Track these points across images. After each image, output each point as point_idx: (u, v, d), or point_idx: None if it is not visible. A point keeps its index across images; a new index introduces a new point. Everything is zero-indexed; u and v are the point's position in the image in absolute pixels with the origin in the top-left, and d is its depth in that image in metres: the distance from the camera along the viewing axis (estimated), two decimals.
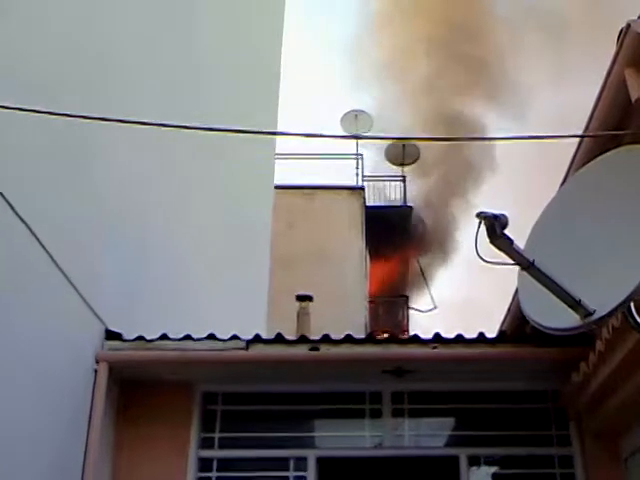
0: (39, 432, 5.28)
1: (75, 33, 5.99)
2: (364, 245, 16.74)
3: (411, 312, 20.78)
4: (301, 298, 12.35)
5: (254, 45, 12.77)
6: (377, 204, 18.34)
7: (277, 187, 14.74)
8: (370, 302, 17.79)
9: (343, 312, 14.07)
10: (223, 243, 10.57)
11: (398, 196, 19.01)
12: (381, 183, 19.06)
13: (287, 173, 15.86)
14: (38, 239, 5.21)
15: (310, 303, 12.37)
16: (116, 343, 6.31)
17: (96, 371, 6.08)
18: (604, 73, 4.70)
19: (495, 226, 3.63)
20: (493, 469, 6.57)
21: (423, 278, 20.24)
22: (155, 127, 5.42)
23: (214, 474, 6.29)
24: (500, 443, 6.37)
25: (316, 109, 22.63)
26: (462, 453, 6.32)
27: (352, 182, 17.58)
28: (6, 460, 4.80)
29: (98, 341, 6.25)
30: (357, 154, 18.26)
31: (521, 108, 24.11)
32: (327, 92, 26.58)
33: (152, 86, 7.76)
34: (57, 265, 5.51)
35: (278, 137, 13.68)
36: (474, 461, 6.35)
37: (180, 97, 8.53)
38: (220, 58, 10.70)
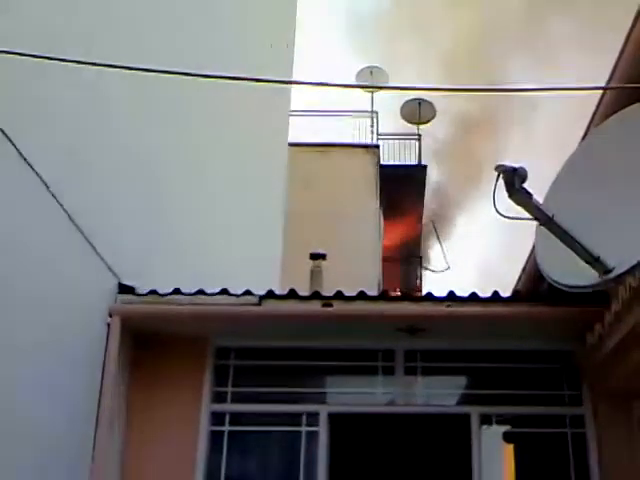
0: (53, 382, 5.31)
1: None
2: (378, 204, 16.65)
3: (425, 273, 20.76)
4: (315, 256, 12.31)
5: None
6: (392, 163, 18.17)
7: (291, 144, 14.63)
8: (384, 261, 17.74)
9: (357, 271, 14.03)
10: (237, 199, 10.55)
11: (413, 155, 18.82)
12: (396, 142, 18.85)
13: (301, 130, 15.75)
14: (53, 194, 5.18)
15: (323, 262, 12.34)
16: (129, 297, 6.31)
17: (109, 325, 6.09)
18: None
19: (514, 179, 3.56)
20: (504, 428, 6.58)
21: (437, 238, 20.18)
22: (169, 79, 5.36)
23: (226, 428, 6.32)
24: (512, 402, 6.36)
25: (331, 66, 22.35)
26: (474, 411, 6.31)
27: (367, 140, 17.42)
28: (18, 413, 4.83)
29: (111, 295, 6.25)
30: (372, 111, 18.08)
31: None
32: (342, 49, 26.25)
33: (162, 36, 7.63)
34: (71, 219, 5.49)
35: (293, 87, 13.54)
36: (485, 419, 6.34)
37: (193, 48, 8.41)
38: (234, 10, 10.56)
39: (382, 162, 17.16)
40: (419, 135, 19.25)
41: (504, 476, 6.48)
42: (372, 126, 17.77)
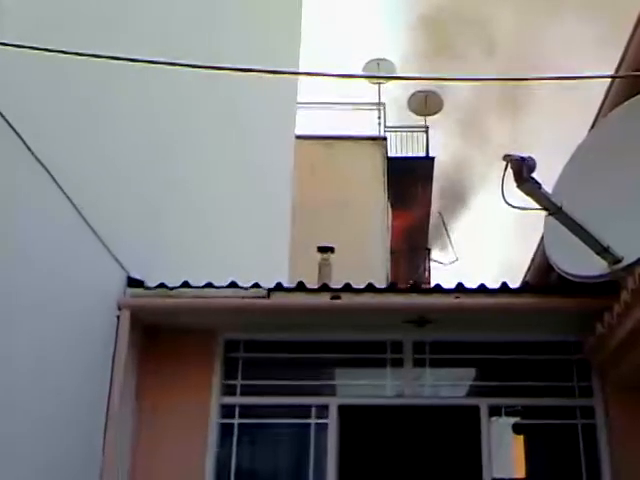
0: (63, 376, 5.32)
1: None
2: (386, 196, 16.62)
3: (432, 265, 20.72)
4: (323, 249, 12.31)
5: None
6: (399, 155, 18.13)
7: (298, 137, 14.60)
8: (391, 254, 17.70)
9: (364, 264, 14.02)
10: (245, 192, 10.54)
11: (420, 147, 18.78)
12: (403, 134, 18.81)
13: (308, 123, 15.73)
14: (61, 188, 5.18)
15: (332, 254, 12.34)
16: (138, 290, 6.31)
17: (118, 318, 6.10)
18: None
19: (523, 169, 3.54)
20: (514, 419, 6.56)
21: (445, 230, 20.13)
22: (174, 72, 5.34)
23: (236, 420, 6.34)
24: (521, 394, 6.34)
25: (337, 58, 22.31)
26: (483, 403, 6.29)
27: (374, 132, 17.38)
28: (28, 406, 4.85)
29: (120, 288, 6.26)
30: (379, 103, 18.03)
31: None
32: (349, 42, 26.17)
33: (166, 28, 7.61)
34: (80, 213, 5.49)
35: (300, 79, 13.50)
36: (495, 411, 6.32)
37: (198, 40, 8.39)
38: (240, 2, 10.55)
39: (390, 154, 17.13)
40: (427, 127, 19.22)
41: (514, 468, 6.48)
42: (379, 118, 17.74)
